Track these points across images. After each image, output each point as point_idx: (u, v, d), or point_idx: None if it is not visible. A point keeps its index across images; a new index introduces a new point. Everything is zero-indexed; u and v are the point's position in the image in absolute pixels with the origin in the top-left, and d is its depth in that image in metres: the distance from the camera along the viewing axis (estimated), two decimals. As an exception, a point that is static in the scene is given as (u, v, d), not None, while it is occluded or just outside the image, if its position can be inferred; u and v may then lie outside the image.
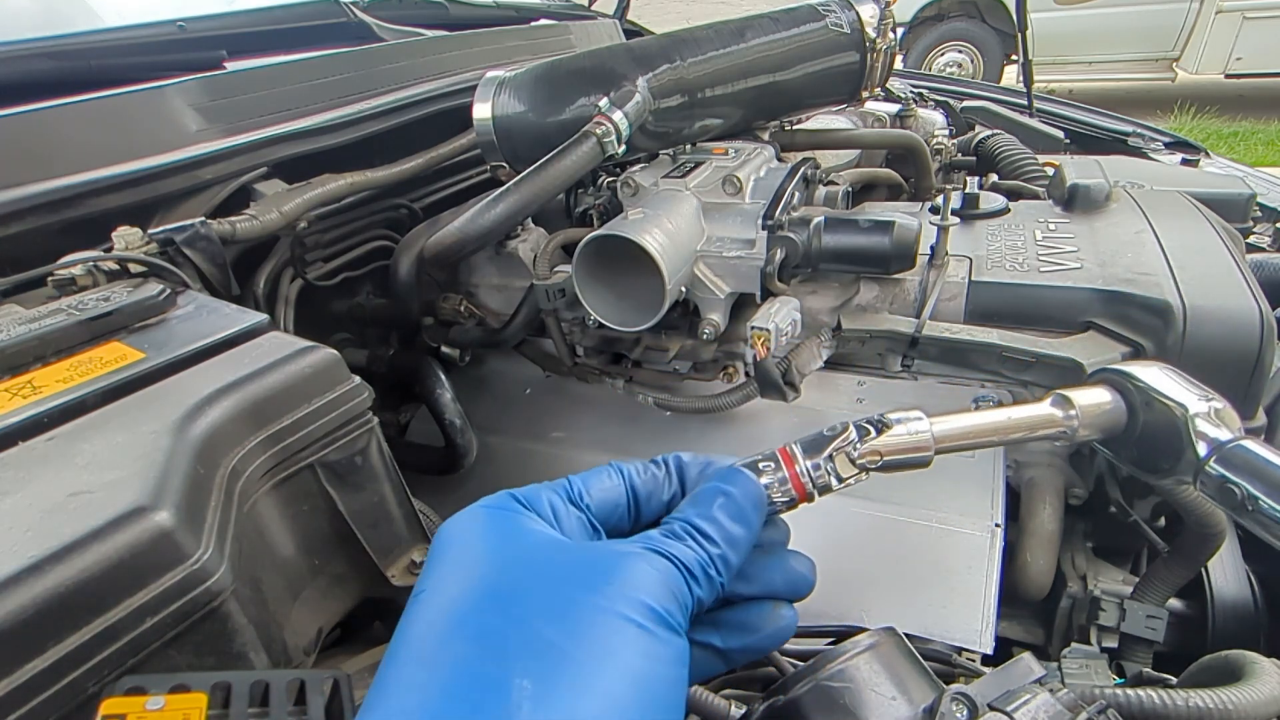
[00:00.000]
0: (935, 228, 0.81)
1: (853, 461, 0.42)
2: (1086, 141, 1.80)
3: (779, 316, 0.75)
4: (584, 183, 0.99)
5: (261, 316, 0.58)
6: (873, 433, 0.42)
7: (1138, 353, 0.73)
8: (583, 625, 0.29)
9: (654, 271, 0.71)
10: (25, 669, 0.34)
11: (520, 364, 1.01)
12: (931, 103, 1.84)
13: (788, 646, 0.65)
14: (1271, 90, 5.78)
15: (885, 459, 0.42)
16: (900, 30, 4.95)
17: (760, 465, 0.42)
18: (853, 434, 0.42)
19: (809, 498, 0.42)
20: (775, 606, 0.41)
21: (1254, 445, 0.41)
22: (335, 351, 0.56)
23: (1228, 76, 5.56)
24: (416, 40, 1.26)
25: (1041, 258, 0.83)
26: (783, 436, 0.89)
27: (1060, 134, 1.78)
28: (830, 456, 0.42)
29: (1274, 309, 0.72)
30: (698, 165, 0.89)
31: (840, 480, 0.42)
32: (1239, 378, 0.70)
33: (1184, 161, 1.60)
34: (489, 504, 0.37)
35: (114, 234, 0.66)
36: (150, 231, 0.68)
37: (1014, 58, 5.82)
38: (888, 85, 1.57)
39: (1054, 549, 0.80)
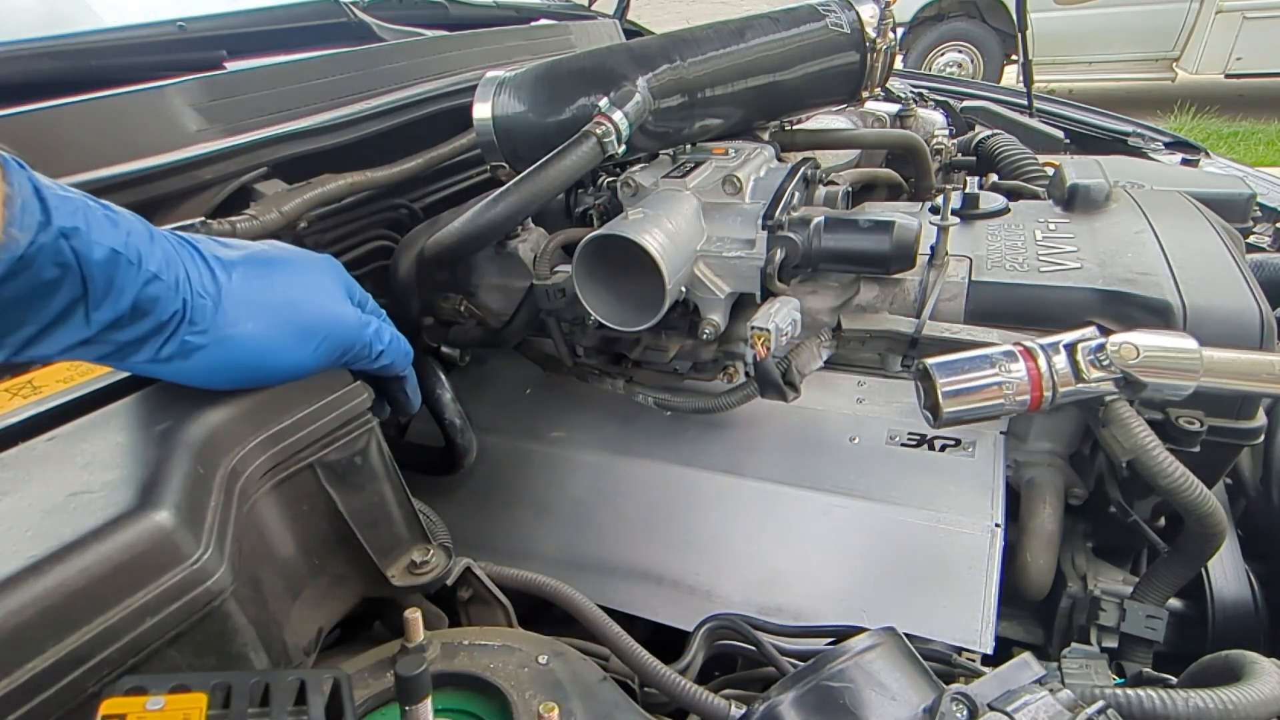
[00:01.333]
0: (935, 228, 0.81)
1: (1099, 364, 0.37)
2: (1086, 141, 1.80)
3: (779, 316, 0.75)
4: (584, 183, 0.99)
5: (261, 316, 0.57)
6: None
7: (1138, 353, 0.73)
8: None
9: (654, 271, 0.71)
10: (25, 669, 0.34)
11: (520, 364, 1.01)
12: (931, 103, 1.84)
13: (787, 646, 0.65)
14: (1271, 90, 5.78)
15: (1143, 363, 0.36)
16: (900, 30, 4.95)
17: (993, 358, 0.37)
18: (1094, 331, 0.37)
19: (1042, 403, 0.37)
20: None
21: None
22: (335, 352, 0.56)
23: (1228, 76, 5.56)
24: (416, 40, 1.26)
25: (1041, 258, 0.83)
26: (783, 437, 0.89)
27: (1060, 134, 1.78)
28: (1071, 355, 0.37)
29: (1274, 309, 0.72)
30: (698, 165, 0.89)
31: (1079, 379, 0.37)
32: (1239, 378, 0.70)
33: (1184, 161, 1.60)
34: None
35: (114, 234, 0.66)
36: (150, 231, 0.68)
37: (1014, 58, 5.82)
38: (888, 85, 1.56)
39: (1054, 549, 0.80)
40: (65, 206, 0.41)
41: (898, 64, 1.39)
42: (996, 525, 0.73)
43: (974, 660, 0.65)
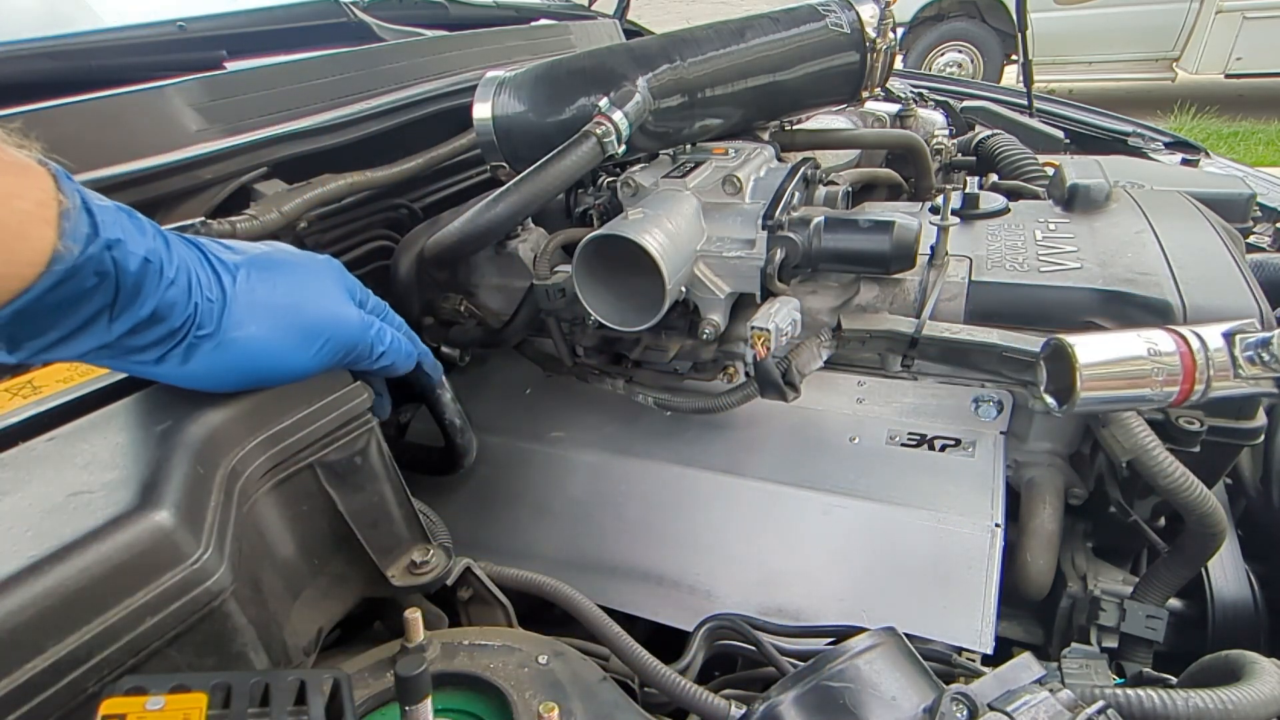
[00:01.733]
0: (935, 228, 0.81)
1: (1260, 360, 0.33)
2: (1086, 141, 1.80)
3: (779, 316, 0.75)
4: (584, 183, 0.99)
5: (261, 317, 0.57)
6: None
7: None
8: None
9: (654, 271, 0.71)
10: (26, 669, 0.34)
11: (520, 364, 1.01)
12: (931, 103, 1.84)
13: (787, 646, 0.65)
14: (1271, 90, 5.78)
15: None
16: (900, 30, 4.95)
17: (1143, 337, 0.33)
18: (1253, 323, 0.33)
19: (1190, 397, 0.33)
20: None
21: None
22: (335, 351, 0.56)
23: (1228, 76, 5.56)
24: (416, 40, 1.26)
25: (1041, 258, 0.83)
26: (783, 436, 0.89)
27: (1060, 134, 1.78)
28: (1230, 345, 0.33)
29: (1274, 309, 0.72)
30: (698, 165, 0.89)
31: (1237, 375, 0.33)
32: (1239, 378, 0.70)
33: (1184, 161, 1.60)
34: None
35: (114, 234, 0.66)
36: (150, 231, 0.68)
37: (1014, 58, 5.82)
38: (888, 85, 1.57)
39: (1054, 549, 0.80)
40: (107, 217, 0.42)
41: (898, 64, 1.39)
42: (996, 525, 0.73)
43: (974, 660, 0.65)
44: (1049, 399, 0.56)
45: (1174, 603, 0.83)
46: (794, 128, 1.13)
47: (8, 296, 0.38)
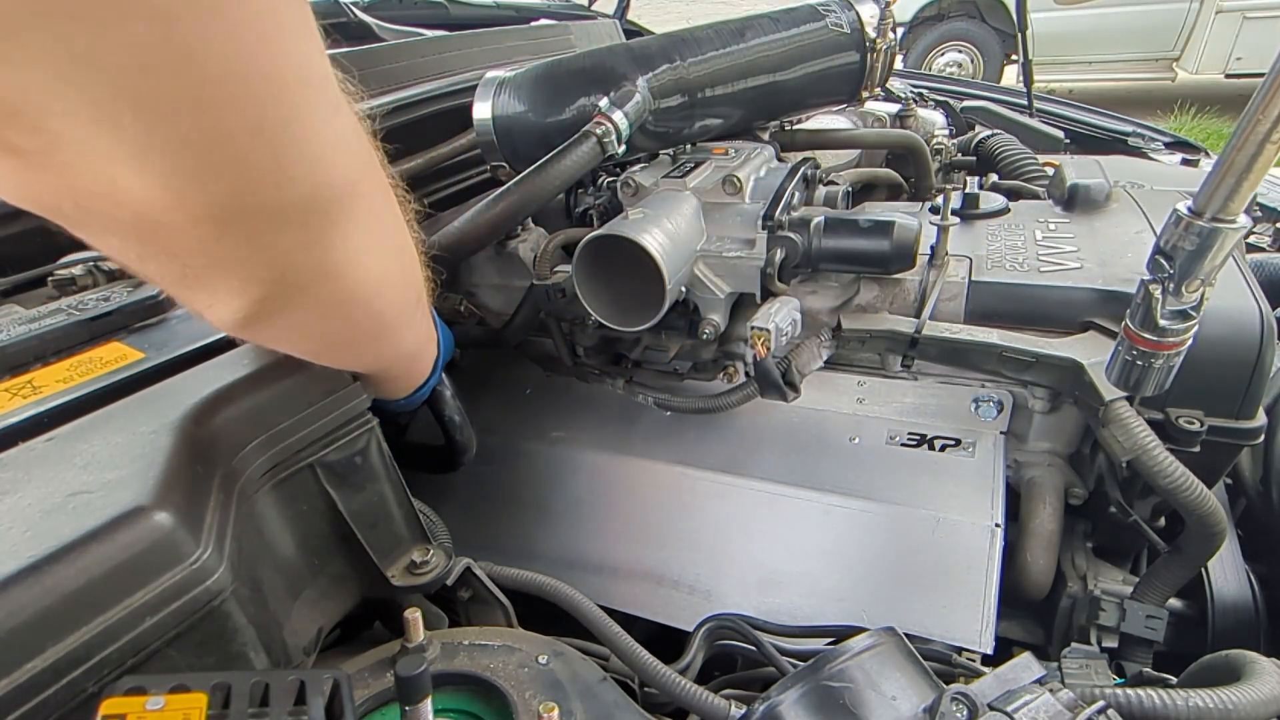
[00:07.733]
0: (935, 228, 0.81)
1: None
2: (1086, 141, 1.80)
3: (779, 316, 0.75)
4: (584, 183, 0.99)
5: (261, 316, 0.57)
6: None
7: (1138, 353, 0.73)
8: None
9: (654, 271, 0.71)
10: (25, 669, 0.34)
11: (520, 364, 1.01)
12: (931, 103, 1.84)
13: (787, 646, 0.65)
14: (1272, 90, 5.76)
15: None
16: (900, 30, 4.96)
17: None
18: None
19: None
20: None
21: None
22: (335, 351, 0.56)
23: (1228, 76, 5.56)
24: (416, 40, 1.26)
25: (1041, 258, 0.83)
26: (782, 437, 0.89)
27: (1060, 134, 1.78)
28: None
29: (1274, 309, 0.72)
30: (698, 165, 0.89)
31: None
32: (1239, 378, 0.70)
33: (1184, 161, 1.60)
34: None
35: (114, 234, 0.66)
36: (150, 231, 0.68)
37: (1014, 58, 5.82)
38: (888, 85, 1.56)
39: (1054, 549, 0.80)
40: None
41: (898, 64, 1.39)
42: (996, 525, 0.73)
43: (974, 660, 0.65)
44: None
45: (1174, 603, 0.83)
46: (794, 128, 1.13)
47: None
